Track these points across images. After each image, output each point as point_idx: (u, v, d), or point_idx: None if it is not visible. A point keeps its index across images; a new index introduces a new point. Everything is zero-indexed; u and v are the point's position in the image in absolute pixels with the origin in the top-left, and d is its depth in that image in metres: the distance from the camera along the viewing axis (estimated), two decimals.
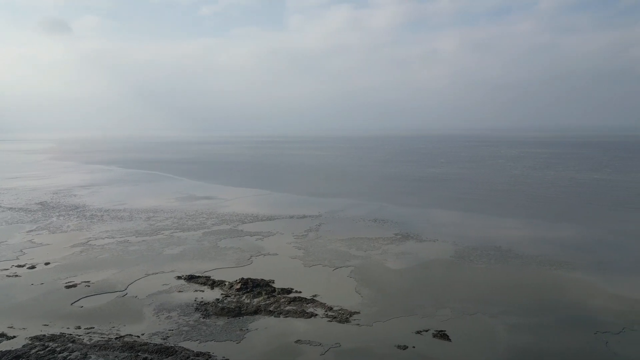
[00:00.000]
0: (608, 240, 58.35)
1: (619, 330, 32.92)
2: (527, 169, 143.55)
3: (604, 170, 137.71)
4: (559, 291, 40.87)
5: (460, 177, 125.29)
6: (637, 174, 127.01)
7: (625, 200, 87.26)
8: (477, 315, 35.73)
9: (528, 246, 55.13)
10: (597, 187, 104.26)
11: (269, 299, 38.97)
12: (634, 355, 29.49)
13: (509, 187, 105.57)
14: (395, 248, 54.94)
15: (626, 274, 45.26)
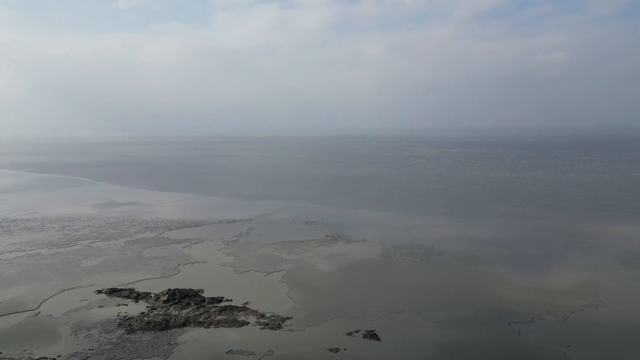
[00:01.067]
0: (518, 234, 63.51)
1: (530, 319, 35.93)
2: (447, 169, 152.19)
3: (514, 169, 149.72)
4: (477, 285, 43.77)
5: (386, 177, 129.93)
6: (542, 171, 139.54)
7: (532, 196, 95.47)
8: (405, 313, 37.24)
9: (449, 243, 58.45)
10: (508, 185, 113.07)
11: (199, 310, 37.80)
12: (543, 342, 32.35)
13: (431, 187, 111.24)
14: (326, 250, 55.72)
15: (535, 266, 49.52)
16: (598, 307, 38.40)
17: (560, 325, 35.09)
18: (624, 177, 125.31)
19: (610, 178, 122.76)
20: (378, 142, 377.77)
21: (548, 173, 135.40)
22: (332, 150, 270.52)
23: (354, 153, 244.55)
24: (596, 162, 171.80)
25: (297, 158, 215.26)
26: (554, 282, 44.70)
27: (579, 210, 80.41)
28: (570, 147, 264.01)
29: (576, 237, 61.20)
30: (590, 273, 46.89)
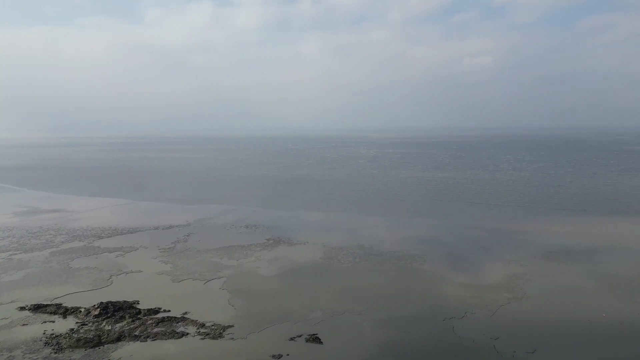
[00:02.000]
0: (451, 232, 66.70)
1: (462, 315, 37.91)
2: (384, 169, 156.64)
3: (446, 168, 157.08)
4: (414, 283, 45.46)
5: (327, 178, 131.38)
6: (472, 171, 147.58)
7: (463, 195, 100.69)
8: (346, 315, 37.88)
9: (387, 243, 60.22)
10: (441, 184, 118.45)
11: (134, 323, 36.14)
12: (474, 336, 34.23)
13: (369, 187, 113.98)
14: (268, 254, 55.36)
15: (466, 263, 52.27)
16: (523, 300, 41.25)
17: (489, 318, 37.32)
18: (544, 175, 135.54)
19: (532, 176, 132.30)
20: (317, 142, 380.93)
21: (477, 172, 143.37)
22: (272, 151, 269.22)
23: (294, 154, 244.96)
24: (519, 161, 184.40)
25: (237, 159, 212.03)
26: (483, 277, 47.43)
27: (505, 208, 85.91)
28: (496, 147, 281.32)
29: (503, 234, 65.33)
30: (516, 267, 50.26)
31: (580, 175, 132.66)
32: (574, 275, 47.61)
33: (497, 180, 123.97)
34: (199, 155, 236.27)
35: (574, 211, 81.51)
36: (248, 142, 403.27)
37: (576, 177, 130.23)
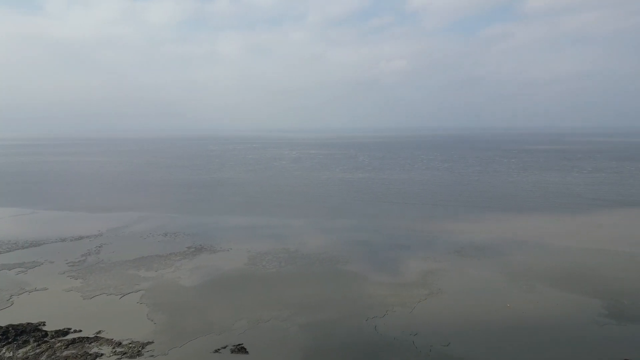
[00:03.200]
0: (372, 232, 69.09)
1: (384, 313, 39.47)
2: (307, 170, 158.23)
3: (366, 169, 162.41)
4: (338, 285, 46.46)
5: (249, 181, 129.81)
6: (390, 171, 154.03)
7: (383, 195, 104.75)
8: (271, 322, 37.75)
9: (312, 245, 60.94)
10: (361, 185, 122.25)
11: (40, 347, 33.11)
12: (395, 333, 35.80)
13: (292, 189, 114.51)
14: (189, 263, 53.49)
15: (387, 262, 54.44)
16: (439, 295, 43.90)
17: (409, 315, 39.24)
18: (455, 173, 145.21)
19: (443, 175, 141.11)
20: (238, 143, 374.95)
21: (394, 172, 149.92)
22: (190, 153, 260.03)
23: (214, 155, 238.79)
24: (432, 160, 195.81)
25: (152, 162, 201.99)
26: (402, 275, 49.74)
27: (421, 206, 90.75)
28: (412, 147, 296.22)
29: (419, 232, 68.97)
30: (431, 264, 53.34)
31: (485, 174, 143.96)
32: (483, 269, 51.57)
33: (413, 180, 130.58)
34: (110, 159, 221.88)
35: (481, 208, 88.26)
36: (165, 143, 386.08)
37: (482, 175, 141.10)
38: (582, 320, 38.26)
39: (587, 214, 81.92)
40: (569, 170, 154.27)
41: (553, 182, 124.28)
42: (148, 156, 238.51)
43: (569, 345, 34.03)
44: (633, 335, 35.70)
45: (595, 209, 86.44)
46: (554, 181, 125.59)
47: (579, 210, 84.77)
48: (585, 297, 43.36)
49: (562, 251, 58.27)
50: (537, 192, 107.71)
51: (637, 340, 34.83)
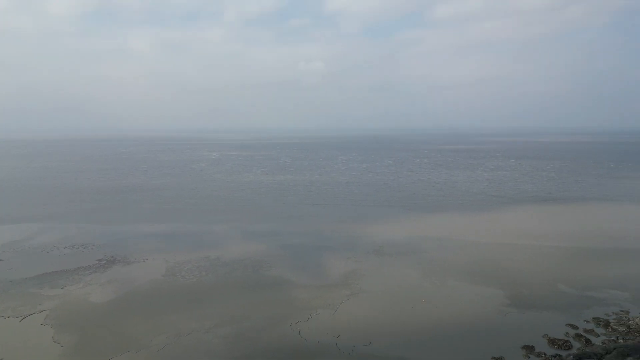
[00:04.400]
0: (294, 235, 69.48)
1: (307, 317, 39.90)
2: (227, 173, 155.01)
3: (288, 170, 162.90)
4: (262, 291, 46.12)
5: (165, 185, 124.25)
6: (312, 172, 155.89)
7: (305, 197, 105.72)
8: (192, 335, 36.52)
9: (234, 251, 59.85)
10: (284, 187, 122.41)
11: None
12: (319, 337, 36.36)
13: (212, 193, 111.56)
14: (101, 277, 49.99)
15: (309, 265, 55.05)
16: (360, 295, 45.31)
17: (332, 317, 40.06)
18: (372, 174, 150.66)
19: (362, 176, 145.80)
20: (152, 144, 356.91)
21: (316, 173, 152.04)
22: (99, 155, 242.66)
23: (126, 158, 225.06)
24: (351, 161, 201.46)
25: (54, 167, 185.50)
26: (325, 277, 50.64)
27: (342, 208, 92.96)
28: (332, 149, 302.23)
29: (340, 233, 70.63)
30: (353, 264, 54.90)
31: (400, 173, 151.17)
32: (400, 267, 54.10)
33: (334, 181, 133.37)
34: (5, 164, 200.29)
35: (397, 207, 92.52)
36: (68, 144, 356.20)
37: (397, 175, 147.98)
38: (488, 311, 41.64)
39: (490, 210, 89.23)
40: (474, 169, 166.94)
41: (461, 180, 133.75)
42: (49, 159, 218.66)
43: (476, 335, 36.87)
44: (532, 322, 39.55)
45: (497, 205, 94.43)
46: (462, 179, 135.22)
47: (484, 207, 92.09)
48: (490, 288, 47.23)
49: (470, 246, 62.92)
50: (447, 190, 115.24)
51: (535, 326, 38.64)
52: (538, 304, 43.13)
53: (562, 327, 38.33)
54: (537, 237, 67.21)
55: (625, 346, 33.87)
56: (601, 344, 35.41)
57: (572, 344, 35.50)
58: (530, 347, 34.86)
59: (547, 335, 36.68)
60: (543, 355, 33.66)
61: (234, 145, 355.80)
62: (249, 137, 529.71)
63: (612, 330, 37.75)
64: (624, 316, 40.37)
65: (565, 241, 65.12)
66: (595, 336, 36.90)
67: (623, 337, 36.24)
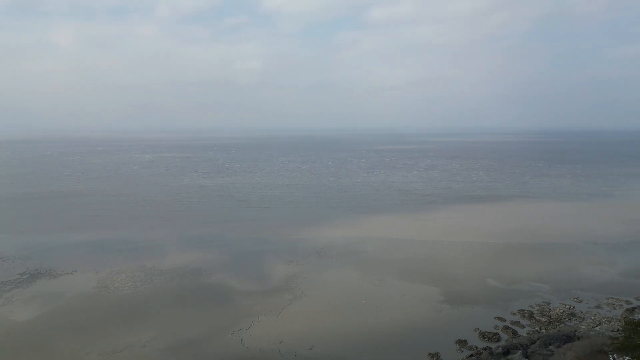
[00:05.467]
0: (234, 240, 68.29)
1: (249, 324, 39.46)
2: (163, 177, 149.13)
3: (227, 173, 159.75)
4: (202, 300, 44.92)
5: (94, 190, 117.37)
6: (252, 174, 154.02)
7: (245, 200, 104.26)
8: (128, 350, 34.87)
9: (171, 258, 57.80)
10: (223, 190, 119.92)
11: None
12: (261, 344, 36.07)
13: (148, 198, 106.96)
14: (24, 292, 46.32)
15: (251, 270, 54.41)
16: (302, 298, 45.50)
17: (274, 323, 39.90)
18: (313, 175, 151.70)
19: (303, 177, 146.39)
20: (78, 145, 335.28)
21: (256, 176, 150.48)
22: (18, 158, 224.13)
23: (49, 161, 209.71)
24: (292, 162, 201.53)
25: None
26: (267, 281, 50.34)
27: (283, 210, 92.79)
28: (272, 149, 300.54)
29: (282, 236, 70.45)
30: (294, 267, 55.00)
31: (340, 174, 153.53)
32: (340, 268, 54.95)
33: (275, 183, 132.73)
34: None
35: (338, 209, 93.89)
36: None
37: (337, 175, 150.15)
38: (424, 308, 43.41)
39: (425, 209, 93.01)
40: (409, 168, 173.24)
41: (397, 180, 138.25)
42: None
43: (414, 332, 38.31)
44: (464, 317, 41.75)
45: (431, 204, 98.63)
46: (398, 179, 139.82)
47: (419, 207, 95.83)
48: (426, 285, 49.27)
49: (407, 245, 65.22)
50: (384, 190, 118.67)
51: (467, 321, 40.81)
52: (470, 299, 45.62)
53: (492, 320, 40.82)
54: (468, 235, 71.02)
55: (547, 336, 36.72)
56: (526, 334, 38.15)
57: (500, 336, 37.93)
58: (463, 342, 36.81)
59: (478, 329, 38.91)
60: (475, 349, 35.68)
61: (169, 146, 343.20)
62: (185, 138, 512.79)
63: (535, 321, 40.78)
64: (546, 307, 43.75)
65: (493, 238, 69.37)
66: (521, 327, 39.68)
67: (545, 327, 39.27)
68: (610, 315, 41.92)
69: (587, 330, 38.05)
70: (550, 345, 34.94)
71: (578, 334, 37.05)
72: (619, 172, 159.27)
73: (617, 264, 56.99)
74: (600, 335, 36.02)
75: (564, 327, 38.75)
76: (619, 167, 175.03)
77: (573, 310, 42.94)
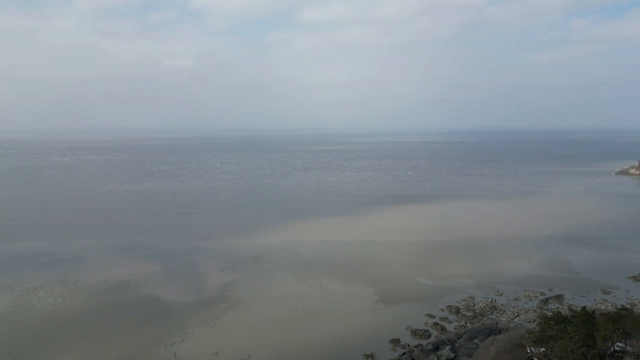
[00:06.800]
0: (164, 248, 65.68)
1: (183, 337, 38.12)
2: (85, 182, 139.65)
3: (155, 176, 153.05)
4: (132, 313, 42.70)
5: (5, 199, 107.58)
6: (183, 177, 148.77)
7: (177, 206, 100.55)
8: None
9: (96, 271, 54.42)
10: (152, 195, 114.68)
11: None
12: (196, 356, 34.97)
13: (66, 205, 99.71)
14: None
15: (185, 279, 52.63)
16: (238, 306, 44.76)
17: (209, 334, 38.92)
18: (247, 178, 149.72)
19: (237, 180, 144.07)
20: None
21: (188, 179, 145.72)
22: None
23: None
24: (225, 164, 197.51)
25: None
26: (202, 291, 48.97)
27: (217, 215, 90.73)
28: (204, 150, 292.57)
29: (215, 242, 68.82)
30: (230, 274, 53.99)
31: (275, 176, 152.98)
32: (278, 272, 54.75)
33: (208, 186, 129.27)
34: None
35: (274, 212, 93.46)
36: None
37: (272, 177, 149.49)
38: (359, 309, 44.44)
39: (359, 210, 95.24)
40: (343, 170, 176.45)
41: (332, 181, 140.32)
42: None
43: (349, 334, 39.05)
44: (397, 315, 43.26)
45: (364, 205, 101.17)
46: (332, 181, 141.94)
47: (353, 208, 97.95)
48: (361, 286, 50.46)
49: (342, 246, 66.36)
50: (320, 191, 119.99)
51: (399, 319, 42.30)
52: (402, 297, 47.38)
53: (422, 318, 42.68)
54: (399, 234, 73.73)
55: (472, 330, 39.10)
56: (454, 329, 40.34)
57: (430, 333, 39.79)
58: (396, 341, 38.16)
59: (410, 327, 40.53)
60: (407, 347, 37.13)
61: (92, 148, 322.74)
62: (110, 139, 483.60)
63: (462, 316, 43.23)
64: (471, 302, 46.53)
65: (422, 236, 72.57)
66: (449, 323, 41.88)
67: (470, 322, 41.76)
68: (527, 307, 45.46)
69: (508, 322, 41.01)
70: (475, 339, 37.24)
71: (499, 326, 39.84)
72: (534, 170, 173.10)
73: (532, 257, 61.88)
74: (519, 327, 38.99)
75: (487, 321, 41.46)
76: (534, 166, 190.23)
77: (495, 303, 46.04)
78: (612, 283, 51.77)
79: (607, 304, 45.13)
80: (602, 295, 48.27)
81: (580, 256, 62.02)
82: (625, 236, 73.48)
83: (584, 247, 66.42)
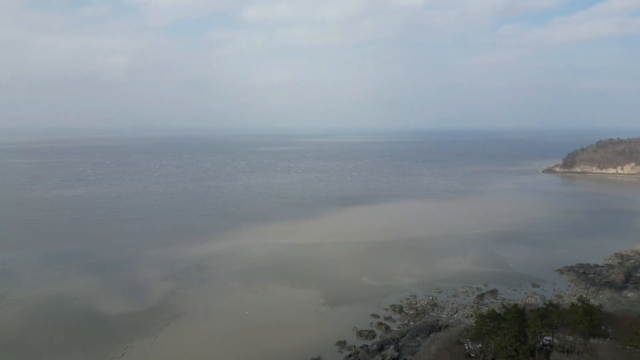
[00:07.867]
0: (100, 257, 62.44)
1: (122, 352, 36.43)
2: (10, 188, 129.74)
3: (89, 180, 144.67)
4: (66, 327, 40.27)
5: None
6: (120, 181, 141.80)
7: (113, 212, 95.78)
8: None
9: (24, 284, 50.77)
10: (84, 201, 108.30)
11: None
12: None
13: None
14: None
15: (125, 289, 50.28)
16: (181, 317, 43.44)
17: (150, 347, 37.49)
18: (190, 180, 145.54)
19: (179, 183, 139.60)
20: None
21: (125, 183, 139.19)
22: None
23: None
24: (166, 166, 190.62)
25: None
26: (141, 301, 47.03)
27: (156, 221, 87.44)
28: (142, 152, 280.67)
29: (156, 249, 66.30)
30: (172, 283, 52.28)
31: (219, 179, 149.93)
32: (222, 279, 53.72)
33: (147, 191, 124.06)
34: None
35: (218, 216, 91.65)
36: None
37: (216, 180, 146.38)
38: (306, 312, 44.64)
39: (304, 212, 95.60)
40: (289, 171, 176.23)
41: (277, 183, 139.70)
42: None
43: (296, 337, 39.15)
44: (343, 317, 43.88)
45: (310, 207, 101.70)
46: (278, 182, 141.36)
47: (299, 210, 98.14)
48: (307, 289, 50.68)
49: (287, 249, 66.26)
50: (265, 194, 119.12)
51: (345, 321, 42.95)
52: (347, 298, 48.12)
53: (367, 318, 43.58)
54: (343, 235, 74.82)
55: (415, 328, 40.46)
56: (397, 328, 41.55)
57: (375, 333, 40.72)
58: (342, 342, 38.70)
59: (356, 328, 41.26)
60: (353, 348, 37.77)
61: (18, 150, 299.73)
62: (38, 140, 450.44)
63: (405, 314, 44.60)
64: (413, 300, 48.12)
65: (366, 236, 74.11)
66: (393, 322, 43.07)
67: (413, 320, 43.20)
68: (465, 302, 47.73)
69: (447, 319, 42.84)
70: (418, 336, 38.57)
71: (440, 323, 41.51)
72: (470, 170, 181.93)
73: (469, 254, 65.05)
74: (458, 323, 40.81)
75: (428, 318, 43.07)
76: (470, 165, 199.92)
77: (435, 300, 47.93)
78: (541, 276, 55.58)
79: (537, 297, 48.43)
80: (532, 289, 51.70)
81: (511, 252, 65.99)
82: (551, 232, 79.13)
83: (515, 243, 70.78)
